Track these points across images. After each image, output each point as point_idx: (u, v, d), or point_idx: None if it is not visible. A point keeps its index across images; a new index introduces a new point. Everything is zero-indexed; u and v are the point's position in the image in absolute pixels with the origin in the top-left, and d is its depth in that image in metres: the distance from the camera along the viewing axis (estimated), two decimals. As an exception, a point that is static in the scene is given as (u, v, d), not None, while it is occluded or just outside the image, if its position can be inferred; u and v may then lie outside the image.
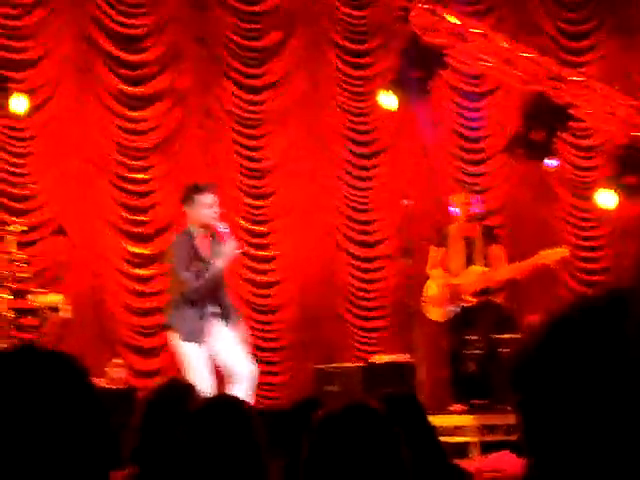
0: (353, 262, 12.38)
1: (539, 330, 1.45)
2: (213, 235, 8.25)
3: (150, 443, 3.59)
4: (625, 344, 1.31)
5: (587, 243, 12.60)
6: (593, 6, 12.67)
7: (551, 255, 9.70)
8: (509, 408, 9.43)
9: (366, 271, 12.40)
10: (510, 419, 9.29)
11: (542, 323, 1.46)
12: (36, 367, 1.61)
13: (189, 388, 3.75)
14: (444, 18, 10.26)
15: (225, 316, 8.28)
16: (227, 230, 8.20)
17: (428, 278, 10.07)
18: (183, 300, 8.09)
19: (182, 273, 8.03)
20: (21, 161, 11.49)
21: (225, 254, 8.14)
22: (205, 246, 8.21)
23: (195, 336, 8.06)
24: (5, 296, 9.33)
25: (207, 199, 8.12)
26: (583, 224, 12.60)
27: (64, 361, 1.64)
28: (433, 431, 3.84)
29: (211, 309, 8.20)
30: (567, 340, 1.40)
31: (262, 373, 11.93)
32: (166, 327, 8.42)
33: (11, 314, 9.21)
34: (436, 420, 4.68)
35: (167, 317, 8.39)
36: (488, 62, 10.54)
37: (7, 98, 10.82)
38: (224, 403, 3.13)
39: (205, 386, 7.65)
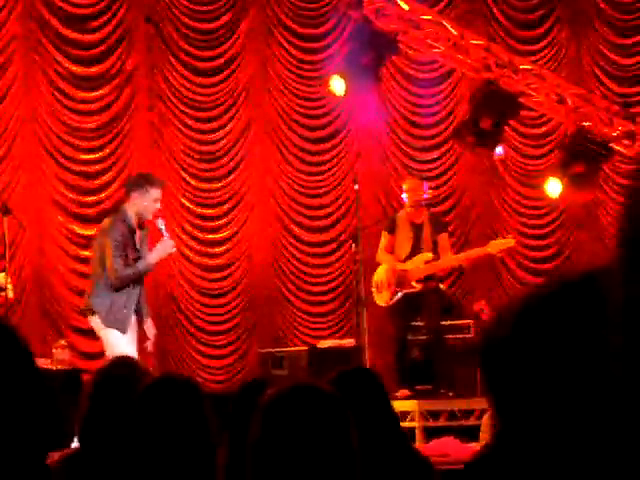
0: (301, 246, 12.39)
1: (511, 308, 1.44)
2: (143, 228, 8.13)
3: (98, 424, 3.56)
4: (599, 323, 1.32)
5: (534, 231, 12.70)
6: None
7: (497, 245, 9.77)
8: (451, 394, 9.51)
9: (314, 255, 12.42)
10: (453, 405, 9.37)
11: (514, 301, 1.45)
12: None
13: (137, 367, 3.71)
14: (396, 4, 10.26)
15: (138, 312, 8.17)
16: (164, 227, 8.11)
17: (377, 263, 10.10)
18: (109, 286, 7.95)
19: (115, 258, 7.88)
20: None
21: (159, 251, 8.01)
22: (139, 235, 8.11)
23: (120, 323, 7.93)
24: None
25: (157, 193, 8.05)
26: (530, 212, 12.70)
27: (6, 333, 1.61)
28: (390, 406, 3.78)
29: (134, 303, 8.08)
30: (541, 320, 1.40)
31: (208, 356, 11.96)
32: (88, 311, 8.12)
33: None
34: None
35: (91, 300, 8.06)
36: (439, 49, 10.56)
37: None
38: (172, 381, 3.12)
39: None
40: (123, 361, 3.79)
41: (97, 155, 11.84)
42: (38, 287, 11.44)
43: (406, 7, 10.36)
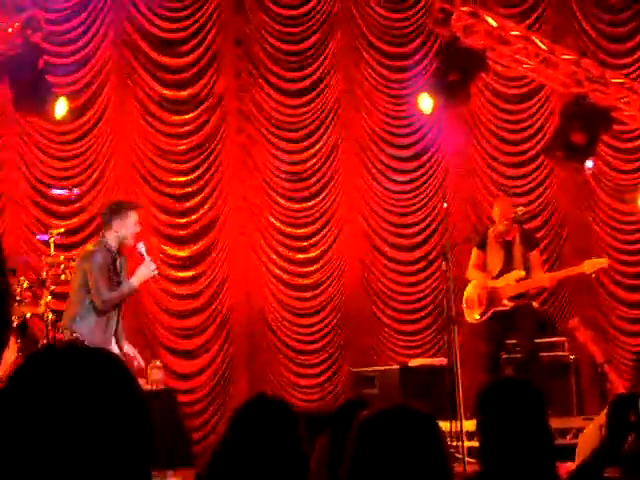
0: (391, 265, 12.36)
1: None
2: (121, 255, 8.12)
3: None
4: None
5: (627, 247, 12.50)
6: (634, 8, 12.58)
7: (592, 265, 9.63)
8: (548, 413, 9.38)
9: (404, 274, 12.38)
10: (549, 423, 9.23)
11: None
12: (81, 364, 1.59)
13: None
14: (484, 20, 10.23)
15: (115, 337, 8.18)
16: (144, 250, 8.05)
17: (467, 280, 10.03)
18: (92, 309, 7.89)
19: (100, 282, 7.82)
20: (62, 164, 11.59)
21: (142, 273, 7.96)
22: (121, 262, 8.08)
23: (103, 345, 7.86)
24: (45, 298, 9.40)
25: (136, 216, 8.06)
26: (624, 227, 12.50)
27: (108, 360, 1.63)
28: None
29: (113, 326, 8.09)
30: None
31: (300, 375, 11.99)
32: (68, 331, 8.00)
33: (50, 315, 9.25)
34: (473, 424, 4.61)
35: (73, 324, 7.99)
36: (528, 64, 10.49)
37: (51, 103, 10.94)
38: (267, 402, 3.14)
39: None
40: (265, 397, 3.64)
41: (188, 177, 11.98)
42: (132, 308, 11.58)
43: (494, 23, 10.31)
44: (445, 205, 10.19)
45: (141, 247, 8.01)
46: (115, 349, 8.16)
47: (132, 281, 7.92)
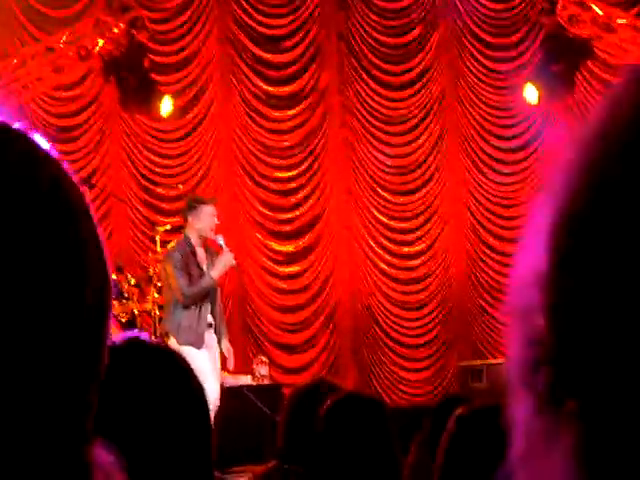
0: (497, 257, 12.24)
1: None
2: (206, 245, 8.31)
3: (294, 439, 3.57)
4: None
5: None
6: None
7: None
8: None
9: (511, 266, 12.22)
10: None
11: None
12: (141, 361, 1.63)
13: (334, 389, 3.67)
14: (590, 9, 10.07)
15: (217, 329, 8.26)
16: (223, 242, 8.23)
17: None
18: (179, 305, 8.07)
19: (178, 279, 8.02)
20: (168, 162, 11.74)
21: (220, 264, 8.13)
22: (202, 255, 8.26)
23: (194, 339, 8.00)
24: (152, 294, 9.54)
25: (210, 210, 8.25)
26: None
27: (167, 356, 1.65)
28: None
29: (205, 319, 8.19)
30: None
31: (407, 369, 11.96)
32: (165, 334, 8.26)
33: (158, 311, 9.39)
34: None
35: (165, 324, 8.32)
36: (636, 53, 10.30)
37: (156, 102, 11.11)
38: (358, 400, 3.13)
39: (211, 389, 7.53)
40: (323, 382, 3.73)
41: (292, 173, 12.03)
42: (239, 304, 11.70)
43: (600, 12, 10.14)
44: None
45: (220, 239, 8.26)
46: (212, 342, 8.26)
47: (212, 273, 8.11)
